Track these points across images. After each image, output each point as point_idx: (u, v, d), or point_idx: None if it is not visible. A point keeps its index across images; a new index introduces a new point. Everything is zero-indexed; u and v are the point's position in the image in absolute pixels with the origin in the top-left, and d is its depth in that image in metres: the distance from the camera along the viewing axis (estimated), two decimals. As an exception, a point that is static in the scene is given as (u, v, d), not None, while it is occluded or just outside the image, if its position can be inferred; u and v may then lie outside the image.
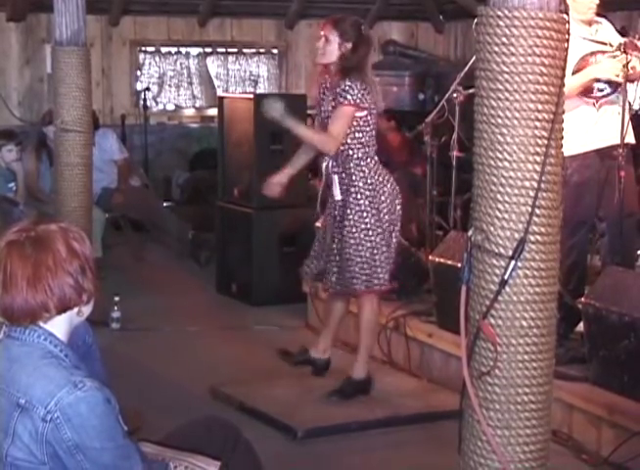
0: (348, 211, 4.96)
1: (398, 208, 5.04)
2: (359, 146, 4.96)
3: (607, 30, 5.20)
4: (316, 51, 5.07)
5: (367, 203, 4.94)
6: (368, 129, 4.96)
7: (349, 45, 4.92)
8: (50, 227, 2.50)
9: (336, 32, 4.93)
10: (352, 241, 4.96)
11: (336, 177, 5.01)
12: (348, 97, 4.84)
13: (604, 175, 5.11)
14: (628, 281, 4.62)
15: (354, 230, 4.95)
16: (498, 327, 2.80)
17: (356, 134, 4.94)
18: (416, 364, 5.62)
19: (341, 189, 5.00)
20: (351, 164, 4.96)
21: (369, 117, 4.94)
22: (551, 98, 2.75)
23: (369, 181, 4.96)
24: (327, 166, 5.06)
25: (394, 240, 5.03)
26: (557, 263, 2.87)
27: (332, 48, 4.94)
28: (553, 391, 2.96)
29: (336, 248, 5.02)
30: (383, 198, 4.98)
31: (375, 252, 4.95)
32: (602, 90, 5.09)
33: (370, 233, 4.95)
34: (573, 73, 5.00)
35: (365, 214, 4.94)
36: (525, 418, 2.84)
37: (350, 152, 4.96)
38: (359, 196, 4.95)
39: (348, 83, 4.86)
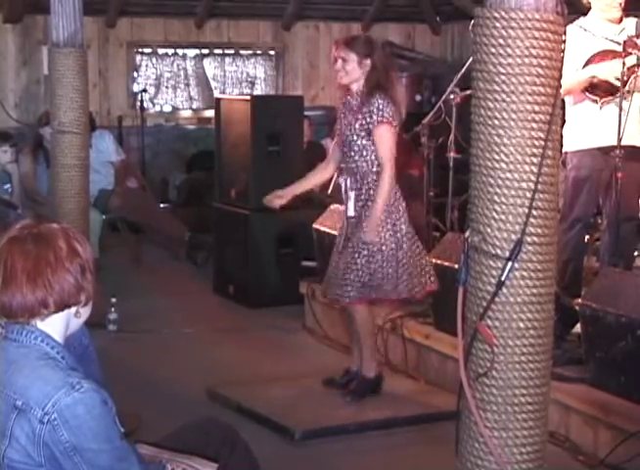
0: (365, 224, 4.95)
1: (407, 225, 5.03)
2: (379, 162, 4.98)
3: (633, 31, 5.16)
4: (335, 72, 5.05)
5: (383, 217, 4.94)
6: None
7: (368, 61, 4.95)
8: (52, 225, 2.52)
9: (351, 52, 4.96)
10: (365, 252, 4.95)
11: (352, 194, 5.03)
12: (385, 114, 4.89)
13: (608, 175, 5.10)
14: (625, 282, 4.62)
15: (369, 243, 4.94)
16: (495, 328, 2.80)
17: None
18: (413, 366, 5.61)
19: (356, 205, 5.01)
20: (369, 180, 4.97)
21: (394, 136, 4.99)
22: (548, 99, 2.75)
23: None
24: (345, 185, 5.08)
25: (404, 256, 5.00)
26: (554, 264, 2.88)
27: (352, 67, 4.96)
28: (550, 392, 2.96)
29: (341, 260, 5.03)
30: (398, 215, 4.98)
31: (384, 265, 4.95)
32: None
33: (383, 248, 4.95)
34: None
35: (381, 229, 4.94)
36: (523, 419, 2.84)
37: (371, 167, 4.97)
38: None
39: (380, 101, 4.90)
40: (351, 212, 5.04)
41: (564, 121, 5.17)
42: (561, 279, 5.03)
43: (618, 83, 4.96)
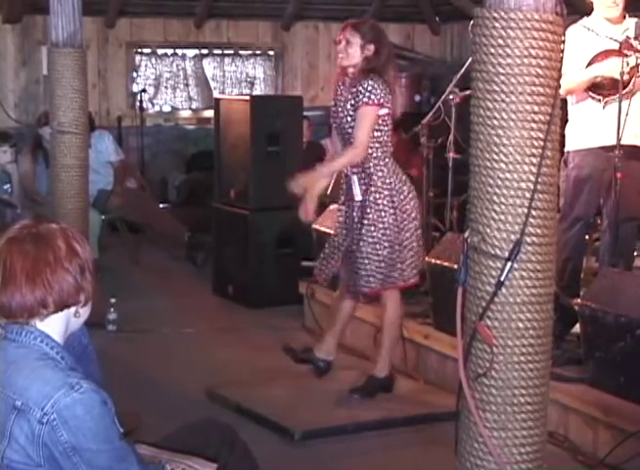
0: (368, 210, 4.97)
1: (416, 206, 5.04)
2: (378, 145, 4.96)
3: (633, 31, 5.17)
4: (336, 54, 5.08)
5: (385, 202, 4.95)
6: (386, 129, 4.98)
7: (372, 46, 4.94)
8: (51, 226, 2.52)
9: (357, 34, 4.95)
10: (371, 239, 4.96)
11: (355, 178, 5.02)
12: (372, 96, 4.85)
13: (610, 175, 5.11)
14: (624, 282, 4.62)
15: (373, 229, 4.96)
16: (494, 328, 2.81)
17: (375, 133, 4.93)
18: (412, 366, 5.61)
19: (360, 189, 5.01)
20: (370, 164, 4.96)
21: (387, 117, 4.96)
22: (547, 99, 2.75)
23: (387, 181, 4.96)
24: (347, 169, 5.05)
25: (413, 237, 5.02)
26: (553, 264, 2.88)
27: (354, 50, 4.95)
28: (549, 392, 2.97)
29: (355, 249, 5.02)
30: (402, 197, 4.98)
31: (392, 250, 4.96)
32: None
33: (388, 232, 4.95)
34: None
35: (384, 214, 4.95)
36: (522, 420, 2.84)
37: (370, 151, 4.94)
38: (378, 195, 4.95)
39: (371, 83, 4.86)
40: (358, 197, 5.01)
41: (566, 120, 5.18)
42: (559, 278, 5.02)
43: (624, 78, 4.96)
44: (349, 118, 4.96)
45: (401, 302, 5.18)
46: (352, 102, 4.92)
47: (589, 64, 5.14)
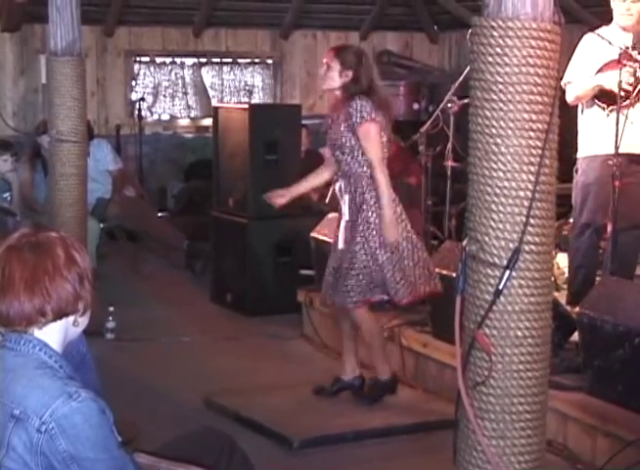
0: (360, 228, 4.97)
1: (408, 227, 5.04)
2: (369, 164, 4.97)
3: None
4: (320, 75, 5.20)
5: (378, 221, 4.95)
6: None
7: (350, 73, 4.98)
8: (51, 234, 2.52)
9: (337, 60, 5.01)
10: (363, 257, 4.97)
11: (347, 197, 5.04)
12: (365, 115, 4.91)
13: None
14: (623, 291, 4.62)
15: (365, 247, 4.97)
16: (493, 337, 2.81)
17: (365, 156, 4.98)
18: (411, 374, 5.61)
19: (351, 209, 5.02)
20: (363, 183, 4.98)
21: (381, 134, 4.99)
22: (545, 108, 2.76)
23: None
24: (339, 188, 5.09)
25: (404, 257, 5.01)
26: (551, 273, 2.88)
27: (332, 74, 5.02)
28: (548, 400, 2.96)
29: (346, 266, 5.02)
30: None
31: (384, 270, 4.97)
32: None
33: (377, 252, 4.96)
34: None
35: (375, 232, 4.95)
36: (520, 428, 2.84)
37: (363, 169, 4.98)
38: (370, 214, 4.96)
39: (358, 101, 4.92)
40: (347, 217, 5.05)
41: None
42: (569, 285, 5.04)
43: (625, 91, 4.99)
44: (344, 139, 5.00)
45: (374, 318, 5.18)
46: (346, 124, 4.97)
47: (598, 72, 5.17)
